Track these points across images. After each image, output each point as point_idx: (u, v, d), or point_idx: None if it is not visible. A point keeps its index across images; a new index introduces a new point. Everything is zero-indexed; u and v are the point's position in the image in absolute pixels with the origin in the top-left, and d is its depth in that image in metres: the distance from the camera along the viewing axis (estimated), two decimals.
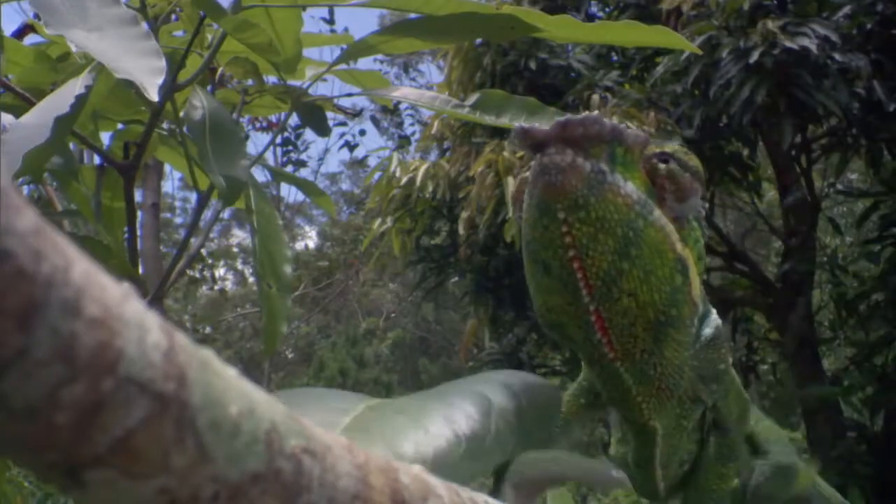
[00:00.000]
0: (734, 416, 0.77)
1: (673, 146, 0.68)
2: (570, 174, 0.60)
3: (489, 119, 0.93)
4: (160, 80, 0.74)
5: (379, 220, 5.64)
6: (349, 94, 1.07)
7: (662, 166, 0.67)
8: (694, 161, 0.69)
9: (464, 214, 4.74)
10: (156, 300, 1.00)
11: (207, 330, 13.17)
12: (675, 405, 0.72)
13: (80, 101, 0.76)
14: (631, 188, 0.63)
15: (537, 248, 0.64)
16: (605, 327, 0.65)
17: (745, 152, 4.73)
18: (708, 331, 0.72)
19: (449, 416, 0.57)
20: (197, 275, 9.67)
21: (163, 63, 0.76)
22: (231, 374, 0.26)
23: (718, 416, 0.76)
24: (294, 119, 1.05)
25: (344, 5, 1.02)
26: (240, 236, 17.19)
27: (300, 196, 18.27)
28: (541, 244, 0.63)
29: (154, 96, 0.72)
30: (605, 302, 0.64)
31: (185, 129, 0.94)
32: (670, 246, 0.64)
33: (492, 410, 0.60)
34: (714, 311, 0.74)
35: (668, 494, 0.77)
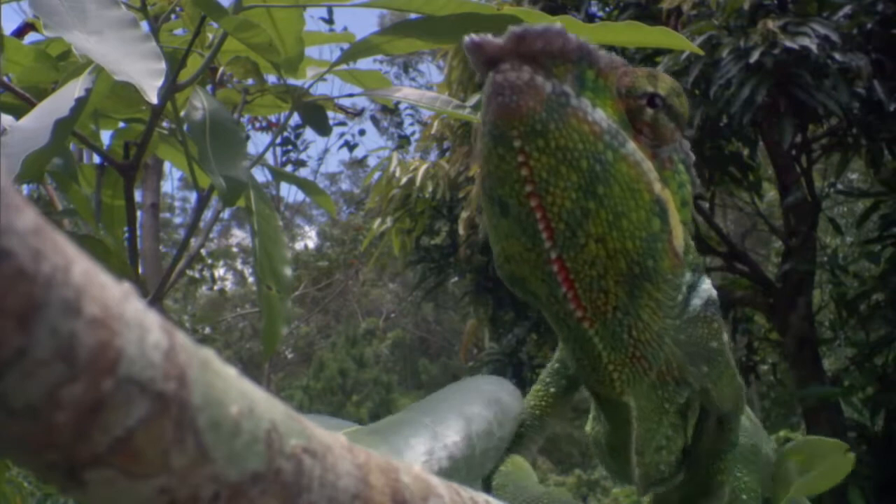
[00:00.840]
0: (728, 403, 0.68)
1: (666, 83, 0.59)
2: (526, 95, 0.51)
3: None
4: (160, 82, 0.73)
5: (379, 220, 5.64)
6: (350, 95, 1.07)
7: (649, 112, 0.58)
8: (683, 107, 0.60)
9: (464, 214, 4.75)
10: (156, 300, 1.00)
11: (207, 330, 13.18)
12: (656, 385, 0.63)
13: (80, 104, 0.76)
14: (600, 115, 0.54)
15: (493, 184, 0.55)
16: (571, 280, 0.56)
17: (746, 152, 4.73)
18: (698, 301, 0.62)
19: (430, 450, 0.57)
20: (197, 275, 9.67)
21: (163, 65, 0.76)
22: (231, 373, 0.26)
23: (709, 402, 0.67)
24: (294, 118, 1.05)
25: (344, 5, 1.02)
26: (239, 236, 17.21)
27: (300, 196, 18.29)
28: (496, 179, 0.54)
29: (154, 99, 0.72)
30: (570, 249, 0.55)
31: (185, 128, 0.93)
32: (646, 185, 0.55)
33: (472, 434, 0.60)
34: (707, 279, 0.65)
35: (647, 485, 0.70)
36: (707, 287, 0.64)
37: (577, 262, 0.55)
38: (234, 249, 17.06)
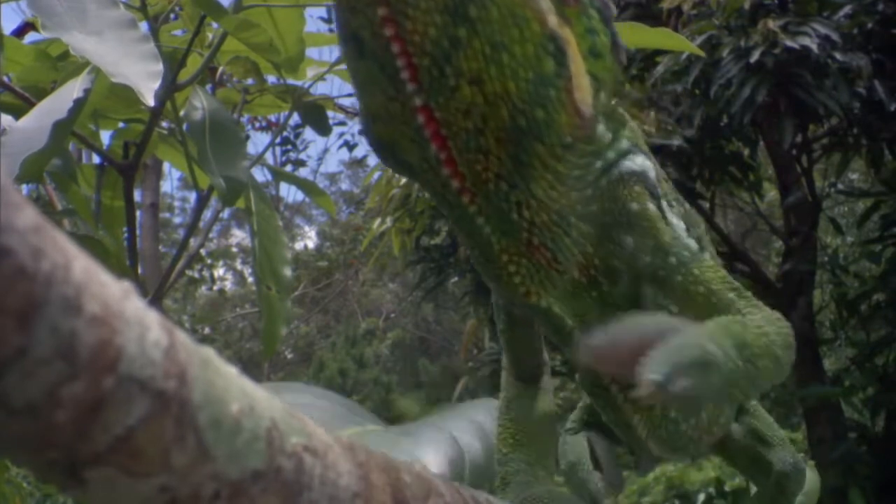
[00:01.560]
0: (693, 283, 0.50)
1: None
2: None
3: None
4: (157, 84, 0.73)
5: (379, 220, 5.64)
6: (350, 94, 1.07)
7: None
8: None
9: None
10: (155, 300, 1.00)
11: (206, 330, 13.18)
12: (585, 285, 0.50)
13: (79, 105, 0.76)
14: None
15: (345, 15, 0.43)
16: (443, 136, 0.44)
17: (746, 152, 4.73)
18: (628, 164, 0.50)
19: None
20: (196, 275, 9.67)
21: (160, 67, 0.76)
22: (232, 371, 0.26)
23: (663, 287, 0.50)
24: (294, 118, 1.05)
25: None
26: (239, 236, 17.21)
27: (300, 196, 18.29)
28: (349, 7, 0.43)
29: (150, 101, 0.72)
30: (438, 93, 0.43)
31: (185, 128, 0.94)
32: (535, 13, 0.43)
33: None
34: (647, 154, 0.52)
35: (669, 448, 0.57)
36: (641, 160, 0.51)
37: (449, 111, 0.43)
38: (234, 249, 17.06)
